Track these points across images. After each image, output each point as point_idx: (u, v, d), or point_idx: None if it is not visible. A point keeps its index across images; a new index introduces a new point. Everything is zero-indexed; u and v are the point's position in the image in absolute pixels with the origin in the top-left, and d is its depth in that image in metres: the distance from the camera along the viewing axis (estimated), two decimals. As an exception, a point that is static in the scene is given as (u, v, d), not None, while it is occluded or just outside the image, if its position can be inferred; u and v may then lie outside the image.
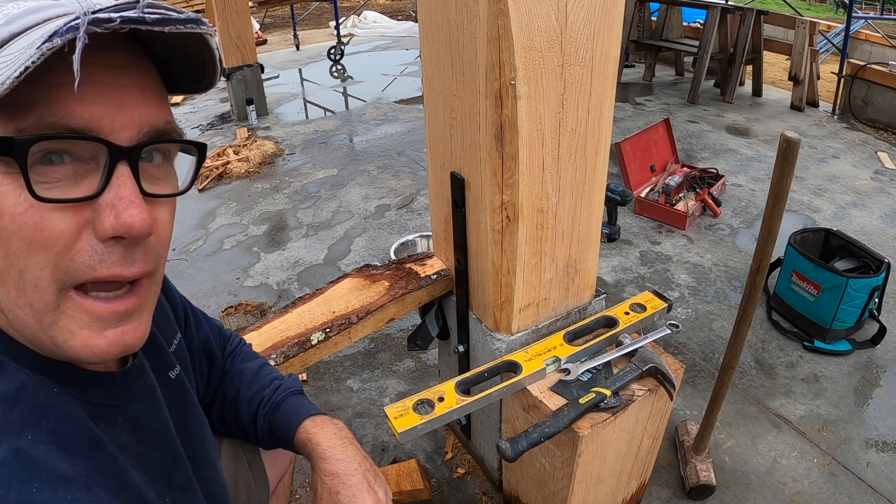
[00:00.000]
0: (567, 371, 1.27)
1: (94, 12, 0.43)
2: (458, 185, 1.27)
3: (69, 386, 0.56)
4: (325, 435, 0.86)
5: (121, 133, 0.49)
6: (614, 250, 2.87)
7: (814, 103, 4.98)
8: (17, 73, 0.42)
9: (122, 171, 0.49)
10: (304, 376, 2.13)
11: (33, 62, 0.42)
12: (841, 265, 2.27)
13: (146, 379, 0.68)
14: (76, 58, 0.42)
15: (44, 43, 0.42)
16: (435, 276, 1.47)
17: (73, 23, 0.42)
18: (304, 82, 6.03)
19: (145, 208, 0.50)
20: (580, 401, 1.18)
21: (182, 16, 0.47)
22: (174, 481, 0.68)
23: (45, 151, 0.47)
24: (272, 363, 1.21)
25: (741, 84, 5.40)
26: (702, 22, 5.57)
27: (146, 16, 0.45)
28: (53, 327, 0.50)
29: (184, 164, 0.59)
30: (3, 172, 0.46)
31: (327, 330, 1.31)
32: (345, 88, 5.82)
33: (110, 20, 0.43)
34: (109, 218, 0.48)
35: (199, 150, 0.59)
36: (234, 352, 1.00)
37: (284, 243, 3.03)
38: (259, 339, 1.29)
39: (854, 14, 5.29)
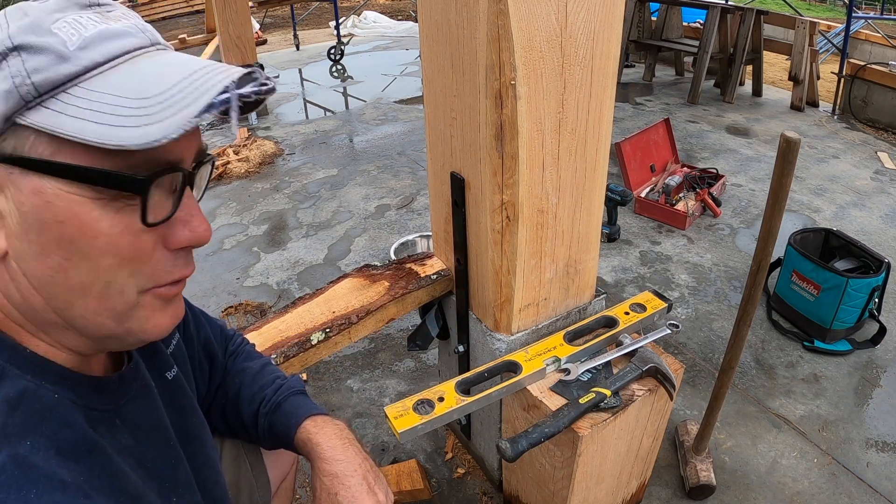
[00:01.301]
0: (567, 371, 1.27)
1: (237, 87, 0.52)
2: (458, 185, 1.27)
3: (69, 391, 0.57)
4: (325, 435, 0.86)
5: (187, 161, 0.58)
6: (614, 250, 2.87)
7: (814, 103, 4.98)
8: (175, 135, 0.48)
9: (188, 192, 0.58)
10: (304, 376, 2.13)
11: (191, 124, 0.49)
12: (841, 265, 2.28)
13: (142, 380, 0.69)
14: (234, 123, 0.52)
15: (202, 112, 0.50)
16: (435, 276, 1.47)
17: (222, 96, 0.51)
18: (304, 82, 6.03)
19: (207, 221, 0.60)
20: (580, 401, 1.18)
21: (270, 84, 0.55)
22: (177, 480, 0.68)
23: None
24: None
25: (741, 84, 5.40)
26: (702, 22, 5.57)
27: (262, 88, 0.54)
28: (131, 320, 0.57)
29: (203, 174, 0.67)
30: (92, 198, 0.51)
31: (327, 330, 1.31)
32: (345, 88, 5.82)
33: (249, 96, 0.53)
34: (185, 232, 0.58)
35: (212, 161, 0.66)
36: (236, 351, 1.00)
37: (284, 243, 3.03)
38: (259, 339, 1.29)
39: (854, 14, 5.29)
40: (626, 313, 1.40)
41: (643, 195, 3.25)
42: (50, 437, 0.52)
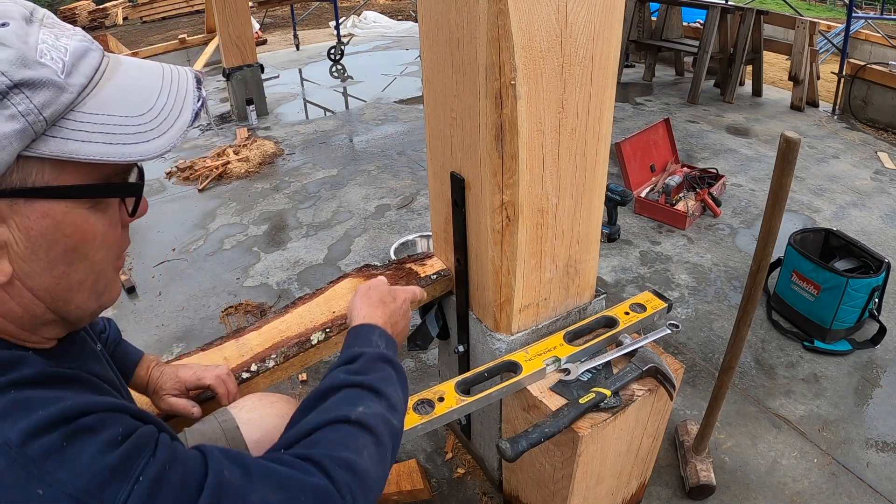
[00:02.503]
0: (567, 371, 1.27)
1: (197, 90, 0.63)
2: (458, 185, 1.27)
3: (49, 359, 0.62)
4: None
5: None
6: (614, 250, 2.87)
7: (814, 103, 4.98)
8: (178, 142, 0.59)
9: None
10: (304, 376, 2.13)
11: (186, 131, 0.60)
12: (841, 265, 2.27)
13: (92, 344, 0.77)
14: (212, 124, 0.62)
15: (192, 120, 0.61)
16: (435, 276, 1.47)
17: (198, 104, 0.62)
18: (304, 82, 6.03)
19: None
20: (580, 401, 1.18)
21: (199, 104, 0.63)
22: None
23: None
24: (272, 363, 1.21)
25: (741, 84, 5.40)
26: (702, 22, 5.57)
27: (200, 104, 0.63)
28: (104, 295, 0.66)
29: None
30: (89, 208, 0.58)
31: (327, 330, 1.31)
32: (345, 88, 5.82)
33: (198, 113, 0.63)
34: (142, 210, 0.67)
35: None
36: None
37: (284, 243, 3.03)
38: (259, 339, 1.29)
39: (854, 14, 5.29)
40: (626, 313, 1.40)
41: (643, 195, 3.25)
42: (40, 377, 0.56)
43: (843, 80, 4.68)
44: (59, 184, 0.54)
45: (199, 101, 0.62)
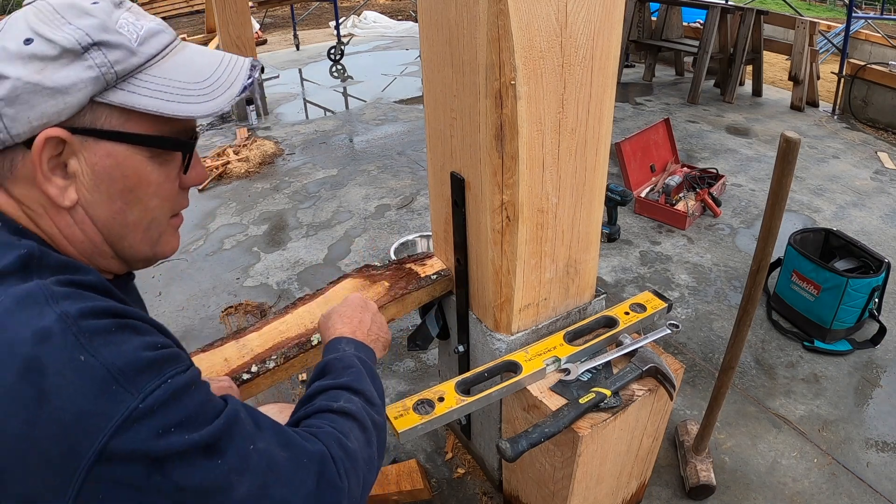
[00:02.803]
0: (567, 371, 1.28)
1: (249, 75, 0.74)
2: (458, 185, 1.27)
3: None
4: None
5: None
6: (614, 250, 2.87)
7: (814, 103, 4.98)
8: (227, 108, 0.70)
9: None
10: (304, 376, 2.13)
11: (235, 100, 0.71)
12: (841, 265, 2.28)
13: (138, 293, 0.86)
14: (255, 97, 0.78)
15: (240, 92, 0.71)
16: (435, 276, 1.47)
17: (248, 80, 0.73)
18: (304, 82, 6.03)
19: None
20: (580, 401, 1.18)
21: (250, 81, 0.74)
22: None
23: None
24: (272, 364, 1.21)
25: (741, 84, 5.40)
26: (702, 22, 5.57)
27: (250, 82, 0.74)
28: (159, 244, 0.75)
29: None
30: (148, 157, 0.68)
31: (327, 330, 1.31)
32: (345, 88, 5.82)
33: (250, 85, 0.74)
34: (192, 175, 0.76)
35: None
36: None
37: (284, 243, 3.03)
38: (259, 339, 1.29)
39: (854, 14, 5.29)
40: (626, 313, 1.40)
41: (643, 195, 3.25)
42: (99, 285, 0.65)
43: (843, 80, 4.69)
44: (124, 130, 0.65)
45: (249, 79, 0.73)
